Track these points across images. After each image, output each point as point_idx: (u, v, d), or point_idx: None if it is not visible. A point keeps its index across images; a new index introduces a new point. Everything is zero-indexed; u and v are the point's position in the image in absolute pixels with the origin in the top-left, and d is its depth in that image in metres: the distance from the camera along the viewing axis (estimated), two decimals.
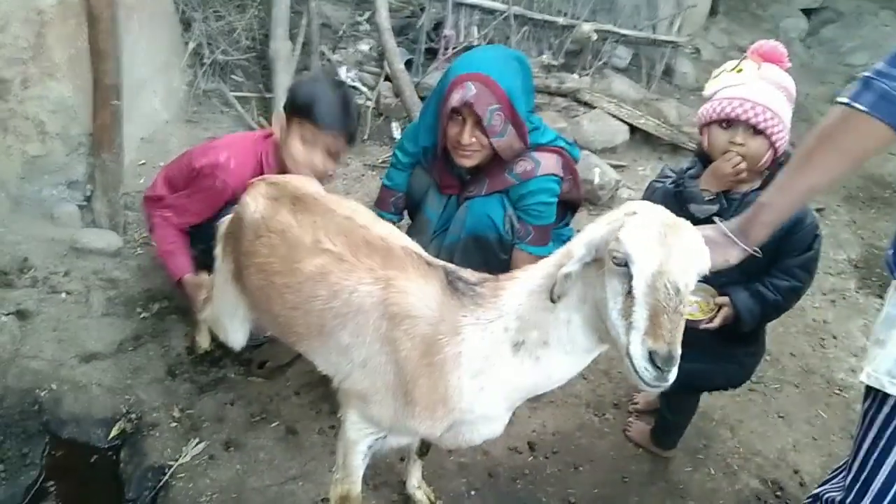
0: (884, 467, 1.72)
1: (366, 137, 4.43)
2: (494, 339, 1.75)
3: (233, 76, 4.36)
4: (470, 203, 2.82)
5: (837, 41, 7.51)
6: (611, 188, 4.33)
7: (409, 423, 1.89)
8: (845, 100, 1.51)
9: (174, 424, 2.76)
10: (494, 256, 2.86)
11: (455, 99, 2.54)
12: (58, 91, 3.22)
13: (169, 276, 2.95)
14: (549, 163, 2.76)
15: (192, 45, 4.22)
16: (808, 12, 7.80)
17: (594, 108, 4.94)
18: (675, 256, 1.45)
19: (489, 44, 4.92)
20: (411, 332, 1.82)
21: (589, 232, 1.63)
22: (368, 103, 4.62)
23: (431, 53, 4.88)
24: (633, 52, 5.63)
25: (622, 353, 1.50)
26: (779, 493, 2.91)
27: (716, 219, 1.78)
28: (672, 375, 1.43)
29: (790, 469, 3.01)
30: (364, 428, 2.06)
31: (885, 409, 1.71)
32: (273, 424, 2.82)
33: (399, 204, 3.07)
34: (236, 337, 2.56)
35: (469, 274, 1.88)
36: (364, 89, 4.76)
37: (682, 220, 1.55)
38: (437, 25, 4.85)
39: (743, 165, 2.29)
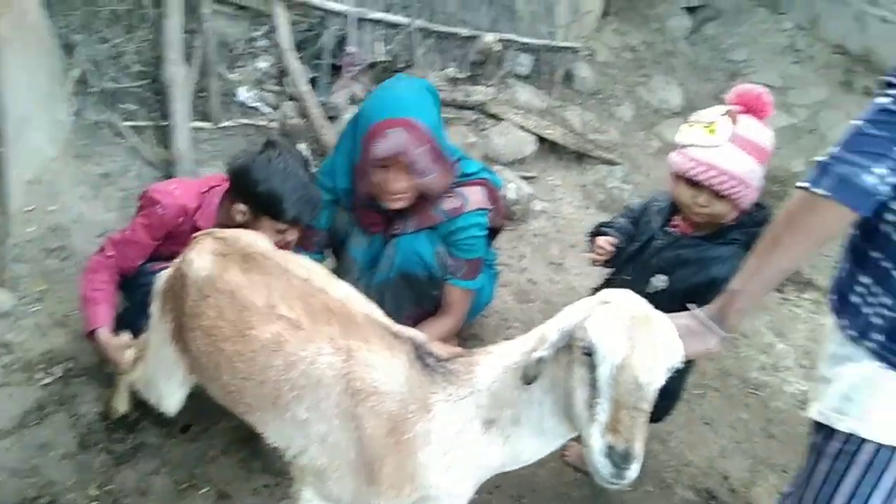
0: (835, 499, 1.79)
1: None
2: (466, 415, 1.71)
3: (123, 104, 4.05)
4: (398, 241, 2.74)
5: (718, 38, 7.85)
6: (525, 202, 4.35)
7: (372, 502, 1.81)
8: (805, 185, 1.57)
9: None
10: (426, 293, 2.81)
11: (382, 150, 2.46)
12: None
13: (83, 326, 2.69)
14: (476, 197, 2.73)
15: (76, 73, 3.89)
16: (690, 10, 8.11)
17: (502, 120, 4.94)
18: (640, 350, 1.44)
19: (393, 64, 4.84)
20: (377, 410, 1.75)
21: (564, 316, 1.60)
22: (273, 125, 4.42)
23: (335, 70, 4.73)
24: (535, 59, 5.68)
25: (585, 444, 1.49)
26: (712, 502, 3.01)
27: (691, 306, 1.78)
28: (632, 473, 1.42)
29: (720, 476, 3.12)
30: None
31: (835, 443, 1.78)
32: (202, 490, 2.66)
33: (322, 243, 2.95)
34: (171, 401, 2.39)
35: (440, 349, 1.82)
36: (267, 110, 4.56)
37: (655, 312, 1.53)
38: (340, 41, 4.70)
39: (704, 220, 2.39)
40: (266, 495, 2.65)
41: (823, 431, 1.83)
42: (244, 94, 4.56)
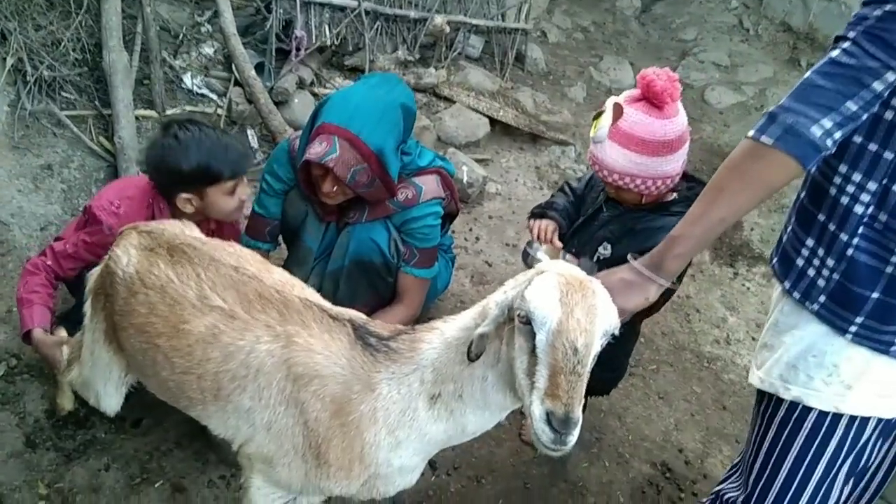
0: (783, 466, 1.82)
1: None
2: (411, 392, 1.70)
3: (63, 93, 3.92)
4: (352, 228, 2.71)
5: (668, 17, 7.94)
6: (479, 185, 4.34)
7: (322, 484, 1.80)
8: (752, 134, 1.55)
9: (41, 503, 2.48)
10: (381, 280, 2.79)
11: (312, 153, 2.42)
12: None
13: (20, 327, 2.62)
14: (430, 187, 2.71)
15: (10, 61, 3.74)
16: None
17: (454, 102, 4.92)
18: (575, 315, 1.43)
19: (342, 48, 4.74)
20: (320, 393, 1.73)
21: (503, 291, 1.60)
22: (220, 112, 4.33)
23: (283, 54, 4.64)
24: (486, 40, 5.66)
25: (526, 413, 1.49)
26: (668, 475, 3.06)
27: (629, 256, 1.78)
28: (571, 439, 1.42)
29: (675, 449, 3.18)
30: (271, 493, 1.94)
31: (781, 412, 1.81)
32: (157, 484, 2.61)
33: (274, 232, 2.91)
34: (110, 402, 2.34)
35: (380, 327, 1.80)
36: (213, 97, 4.46)
37: (590, 278, 1.54)
38: (287, 25, 4.62)
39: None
40: (222, 486, 2.62)
41: (767, 399, 1.86)
42: (190, 80, 4.45)
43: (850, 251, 1.63)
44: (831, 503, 1.82)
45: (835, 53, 1.51)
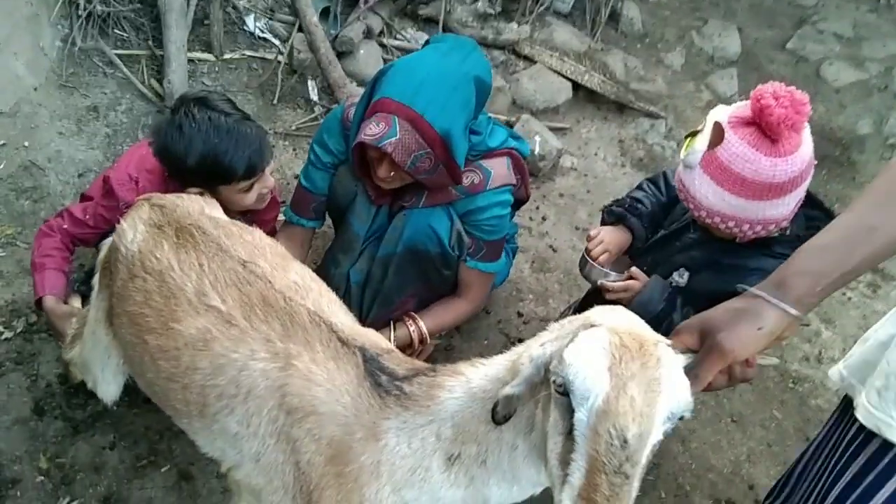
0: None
1: (276, 101, 3.88)
2: (424, 448, 1.38)
3: (116, 31, 3.70)
4: (409, 212, 2.38)
5: None
6: (552, 157, 3.93)
7: None
8: None
9: (40, 479, 2.33)
10: (435, 271, 2.47)
11: (369, 134, 2.06)
12: None
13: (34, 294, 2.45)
14: (500, 171, 2.34)
15: None
16: None
17: (534, 62, 4.47)
18: (629, 391, 1.05)
19: (433, 22, 4.33)
20: (316, 434, 1.44)
21: (541, 343, 1.24)
22: (280, 59, 4.04)
23: (350, 0, 4.29)
24: None
25: None
26: None
27: (740, 286, 1.35)
28: None
29: (745, 485, 2.78)
30: None
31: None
32: (163, 469, 2.42)
33: (319, 209, 2.61)
34: (107, 389, 2.11)
35: (395, 363, 1.47)
36: (276, 42, 4.16)
37: (655, 338, 1.15)
38: None
39: None
40: None
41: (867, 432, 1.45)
42: (253, 23, 4.16)
43: None
44: None
45: None
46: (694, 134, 1.92)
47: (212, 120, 2.15)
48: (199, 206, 1.89)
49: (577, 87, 4.52)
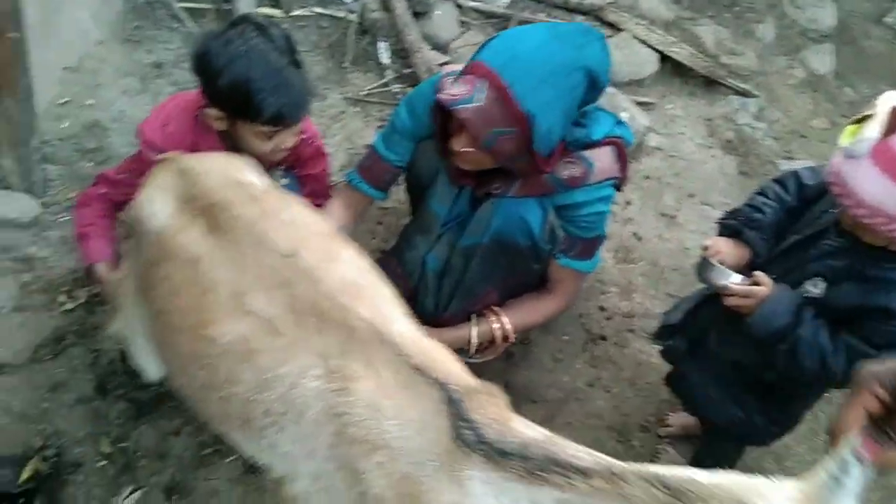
0: None
1: (346, 64, 3.66)
2: None
3: None
4: (498, 201, 2.15)
5: None
6: (638, 136, 3.65)
7: None
8: None
9: (103, 463, 2.23)
10: (523, 265, 2.26)
11: (447, 94, 1.83)
12: None
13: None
14: (604, 164, 2.09)
15: None
16: None
17: (621, 30, 4.16)
18: None
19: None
20: (388, 469, 1.26)
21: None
22: (351, 17, 3.81)
23: None
24: None
25: None
26: None
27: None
28: None
29: None
30: None
31: None
32: (228, 460, 2.29)
33: (390, 180, 2.38)
34: (150, 366, 1.92)
35: (485, 417, 1.24)
36: (347, 0, 3.93)
37: None
38: None
39: None
40: None
41: None
42: None
43: None
44: None
45: None
46: (860, 120, 1.67)
47: (262, 52, 1.91)
48: (232, 170, 1.67)
49: (663, 58, 4.21)
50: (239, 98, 1.91)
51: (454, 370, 1.39)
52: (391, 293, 1.53)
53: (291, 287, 1.40)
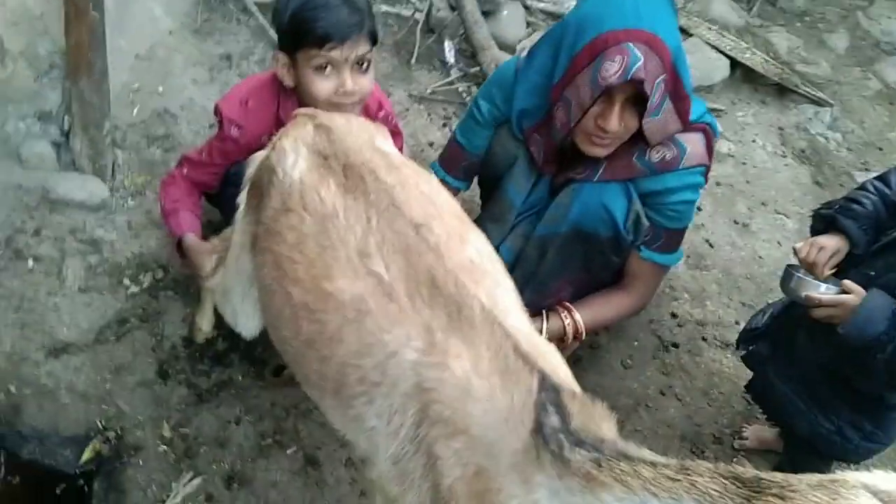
0: None
1: (412, 61, 3.62)
2: None
3: None
4: (579, 187, 2.07)
5: None
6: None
7: None
8: None
9: (163, 448, 2.18)
10: (602, 258, 2.17)
11: (614, 72, 1.75)
12: None
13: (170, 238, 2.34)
14: (696, 149, 2.00)
15: None
16: None
17: (691, 35, 4.06)
18: None
19: None
20: (464, 458, 1.18)
21: None
22: (418, 16, 3.78)
23: None
24: None
25: None
26: None
27: None
28: None
29: None
30: None
31: None
32: (289, 451, 2.24)
33: (471, 170, 2.34)
34: (247, 323, 1.91)
35: (574, 406, 1.13)
36: None
37: None
38: None
39: None
40: (362, 470, 2.19)
41: None
42: None
43: None
44: None
45: None
46: None
47: None
48: (369, 135, 1.64)
49: (734, 65, 4.09)
50: (295, 25, 1.94)
51: (562, 373, 1.31)
52: (512, 286, 1.47)
53: (415, 256, 1.34)
